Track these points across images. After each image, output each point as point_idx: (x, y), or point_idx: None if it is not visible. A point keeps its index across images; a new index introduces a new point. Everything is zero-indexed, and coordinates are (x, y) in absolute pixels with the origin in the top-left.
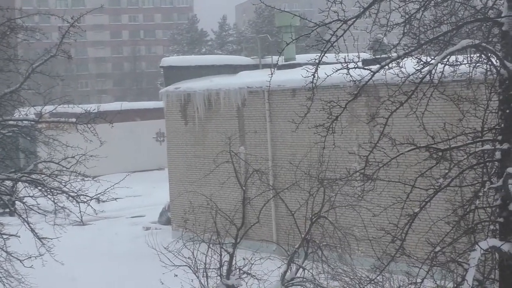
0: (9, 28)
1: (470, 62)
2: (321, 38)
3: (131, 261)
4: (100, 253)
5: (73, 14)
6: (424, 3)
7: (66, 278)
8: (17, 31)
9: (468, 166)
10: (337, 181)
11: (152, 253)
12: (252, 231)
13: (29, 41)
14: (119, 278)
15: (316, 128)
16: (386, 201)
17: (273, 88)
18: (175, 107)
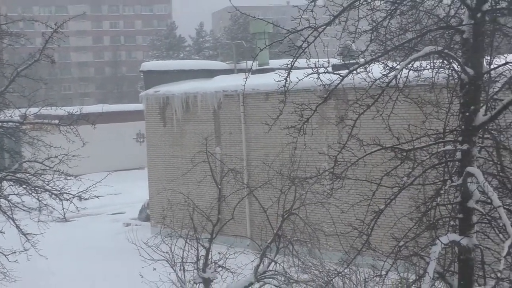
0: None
1: (433, 68)
2: (293, 44)
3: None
4: (82, 248)
5: (56, 20)
6: (390, 12)
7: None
8: (3, 36)
9: (431, 166)
10: (307, 180)
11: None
12: (227, 227)
13: (14, 46)
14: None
15: (288, 130)
16: (354, 199)
17: (247, 92)
18: (154, 110)
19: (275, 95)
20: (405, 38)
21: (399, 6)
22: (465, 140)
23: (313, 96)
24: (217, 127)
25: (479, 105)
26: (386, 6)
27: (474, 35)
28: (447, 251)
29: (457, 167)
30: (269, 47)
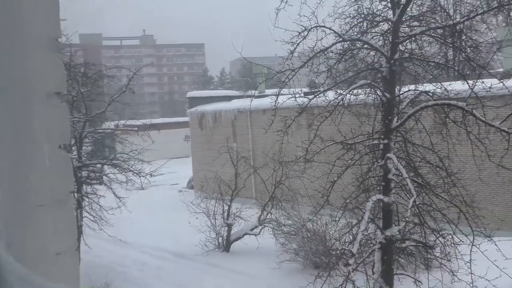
0: (98, 76)
1: (365, 93)
2: (279, 80)
3: (170, 210)
4: (152, 205)
5: (135, 67)
6: (338, 59)
7: (132, 220)
8: (103, 77)
9: (365, 153)
10: (289, 163)
11: (183, 205)
12: (241, 192)
13: (110, 83)
14: (163, 220)
15: (277, 132)
16: (318, 174)
17: (252, 109)
18: (195, 121)
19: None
20: (348, 75)
21: (344, 56)
22: (385, 137)
23: (292, 111)
24: (233, 131)
25: (393, 116)
26: (335, 56)
27: (389, 73)
28: (375, 205)
29: (380, 154)
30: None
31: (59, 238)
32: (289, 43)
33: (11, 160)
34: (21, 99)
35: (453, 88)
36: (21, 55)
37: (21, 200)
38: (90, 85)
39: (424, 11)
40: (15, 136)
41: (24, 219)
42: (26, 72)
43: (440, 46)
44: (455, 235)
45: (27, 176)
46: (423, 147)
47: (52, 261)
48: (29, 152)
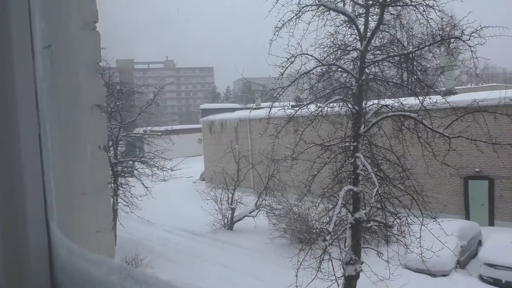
0: (131, 92)
1: (339, 106)
2: (272, 95)
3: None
4: (172, 193)
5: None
6: (318, 79)
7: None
8: (134, 93)
9: (339, 153)
10: (280, 160)
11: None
12: (242, 183)
13: (139, 98)
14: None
15: (270, 136)
16: (302, 169)
17: (251, 118)
18: (207, 127)
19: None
20: (325, 92)
21: (322, 77)
22: (355, 140)
23: (282, 120)
24: (236, 135)
25: (361, 124)
26: (316, 77)
27: (358, 90)
28: (347, 194)
29: (351, 153)
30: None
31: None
32: (280, 67)
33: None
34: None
35: (407, 102)
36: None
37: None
38: (124, 99)
39: (385, 42)
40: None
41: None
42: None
43: (397, 70)
44: (409, 217)
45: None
46: (384, 148)
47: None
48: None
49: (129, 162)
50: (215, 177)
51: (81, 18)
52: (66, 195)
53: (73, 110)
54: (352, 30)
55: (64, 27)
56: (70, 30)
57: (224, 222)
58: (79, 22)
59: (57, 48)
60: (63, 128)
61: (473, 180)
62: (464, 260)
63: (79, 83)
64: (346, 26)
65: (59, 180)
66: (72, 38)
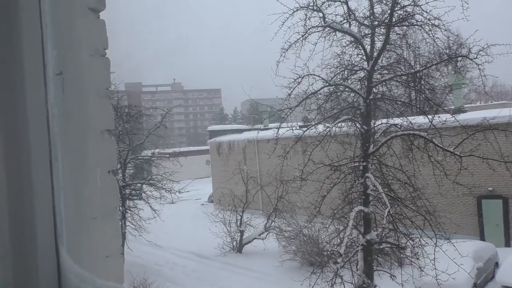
0: (139, 115)
1: (348, 126)
2: (280, 116)
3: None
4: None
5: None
6: (326, 99)
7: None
8: (142, 116)
9: (348, 173)
10: (289, 181)
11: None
12: (250, 204)
13: (148, 120)
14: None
15: (279, 157)
16: (311, 190)
17: (259, 139)
18: (214, 149)
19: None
20: (333, 112)
21: (330, 97)
22: (364, 160)
23: (290, 141)
24: (244, 156)
25: (370, 143)
26: (323, 97)
27: (366, 110)
28: (357, 215)
29: (361, 174)
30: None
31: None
32: (287, 88)
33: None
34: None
35: (416, 121)
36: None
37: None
38: (132, 122)
39: (391, 62)
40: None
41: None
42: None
43: (405, 89)
44: (422, 238)
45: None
46: (394, 168)
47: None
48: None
49: (137, 185)
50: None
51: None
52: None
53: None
54: (359, 50)
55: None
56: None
57: (233, 245)
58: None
59: (68, 74)
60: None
61: (486, 200)
62: (480, 283)
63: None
64: (353, 47)
65: (69, 205)
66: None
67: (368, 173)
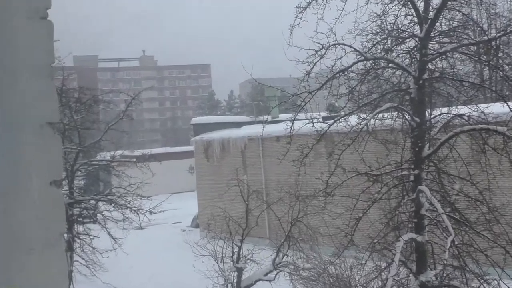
0: (93, 101)
1: (392, 118)
2: (295, 104)
3: (172, 252)
4: (152, 248)
5: (134, 91)
6: (360, 80)
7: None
8: (98, 103)
9: (393, 185)
10: (308, 197)
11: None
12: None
13: (106, 109)
14: (165, 264)
15: (293, 162)
16: (340, 210)
17: (264, 136)
18: (201, 150)
19: (284, 138)
20: (371, 97)
21: (366, 76)
22: (416, 167)
23: (309, 138)
24: (244, 161)
25: (424, 143)
26: (357, 76)
27: (418, 95)
28: (407, 246)
29: (411, 186)
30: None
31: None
32: (305, 63)
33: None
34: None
35: (491, 110)
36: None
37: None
38: (84, 111)
39: (455, 26)
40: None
41: (12, 264)
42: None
43: (475, 64)
44: (501, 280)
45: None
46: (459, 178)
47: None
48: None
49: (90, 202)
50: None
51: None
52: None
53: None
54: (408, 9)
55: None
56: (14, 19)
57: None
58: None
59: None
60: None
61: None
62: None
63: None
64: (399, 4)
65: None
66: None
67: (422, 186)
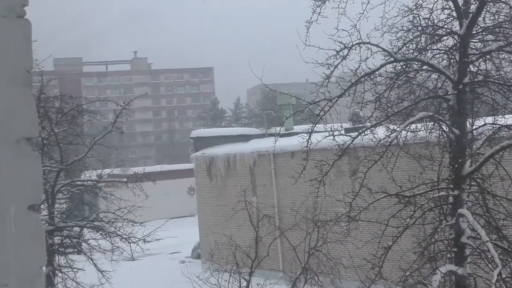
0: (77, 111)
1: (427, 129)
2: (312, 113)
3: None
4: (146, 282)
5: (124, 100)
6: (389, 85)
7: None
8: (83, 113)
9: (428, 209)
10: (328, 222)
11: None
12: (263, 262)
13: (92, 120)
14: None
15: (311, 181)
16: (366, 237)
17: (277, 152)
18: (202, 168)
19: (299, 154)
20: (402, 105)
21: (396, 80)
22: (456, 187)
23: (330, 154)
24: (253, 181)
25: (465, 158)
26: (386, 81)
27: (458, 102)
28: (445, 280)
29: (450, 210)
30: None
31: None
32: (325, 65)
33: None
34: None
35: None
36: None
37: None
38: (66, 123)
39: (500, 21)
40: None
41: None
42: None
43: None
44: None
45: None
46: (507, 200)
47: None
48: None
49: (73, 229)
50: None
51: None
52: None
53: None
54: (445, 1)
55: None
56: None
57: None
58: None
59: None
60: None
61: None
62: None
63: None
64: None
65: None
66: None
67: (462, 209)
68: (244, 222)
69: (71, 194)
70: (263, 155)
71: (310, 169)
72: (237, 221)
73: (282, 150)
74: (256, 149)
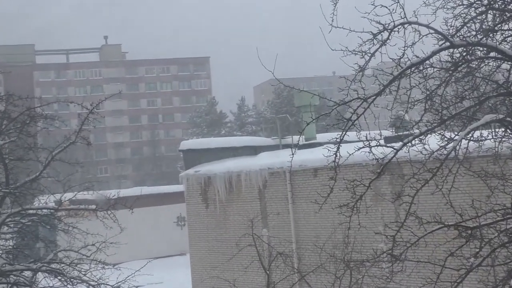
0: (29, 116)
1: (495, 137)
2: (341, 117)
3: None
4: None
5: (92, 100)
6: (445, 79)
7: None
8: (37, 119)
9: (500, 244)
10: (364, 263)
11: None
12: None
13: (48, 129)
14: None
15: (340, 208)
16: (416, 282)
17: (294, 169)
18: (196, 191)
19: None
20: (462, 106)
21: (454, 73)
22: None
23: (365, 171)
24: (263, 208)
25: None
26: (440, 74)
27: None
28: None
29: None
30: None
31: None
32: (357, 53)
33: None
34: None
35: None
36: None
37: None
38: (14, 132)
39: None
40: None
41: None
42: None
43: None
44: None
45: None
46: None
47: None
48: None
49: (23, 273)
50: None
51: None
52: None
53: None
54: None
55: None
56: None
57: None
58: None
59: None
60: None
61: None
62: None
63: None
64: None
65: None
66: None
67: None
68: (252, 262)
69: (21, 227)
70: (276, 173)
71: (339, 192)
72: (242, 261)
73: (301, 166)
74: (267, 165)
